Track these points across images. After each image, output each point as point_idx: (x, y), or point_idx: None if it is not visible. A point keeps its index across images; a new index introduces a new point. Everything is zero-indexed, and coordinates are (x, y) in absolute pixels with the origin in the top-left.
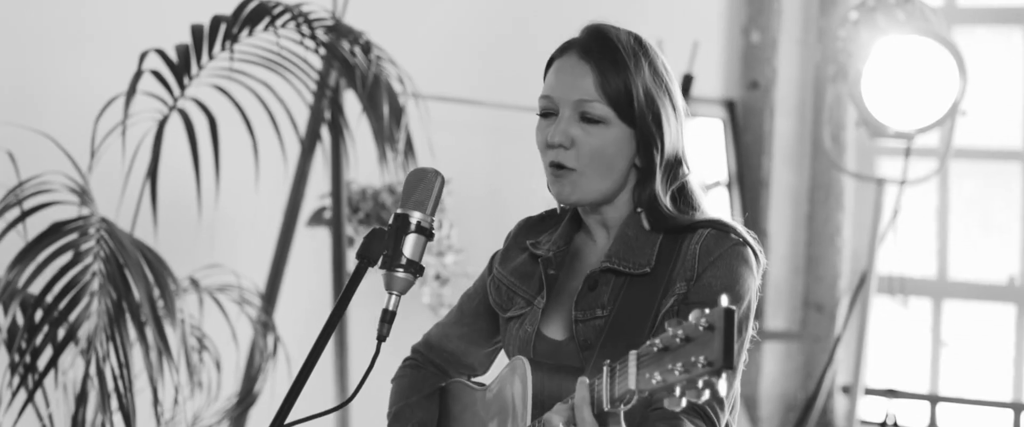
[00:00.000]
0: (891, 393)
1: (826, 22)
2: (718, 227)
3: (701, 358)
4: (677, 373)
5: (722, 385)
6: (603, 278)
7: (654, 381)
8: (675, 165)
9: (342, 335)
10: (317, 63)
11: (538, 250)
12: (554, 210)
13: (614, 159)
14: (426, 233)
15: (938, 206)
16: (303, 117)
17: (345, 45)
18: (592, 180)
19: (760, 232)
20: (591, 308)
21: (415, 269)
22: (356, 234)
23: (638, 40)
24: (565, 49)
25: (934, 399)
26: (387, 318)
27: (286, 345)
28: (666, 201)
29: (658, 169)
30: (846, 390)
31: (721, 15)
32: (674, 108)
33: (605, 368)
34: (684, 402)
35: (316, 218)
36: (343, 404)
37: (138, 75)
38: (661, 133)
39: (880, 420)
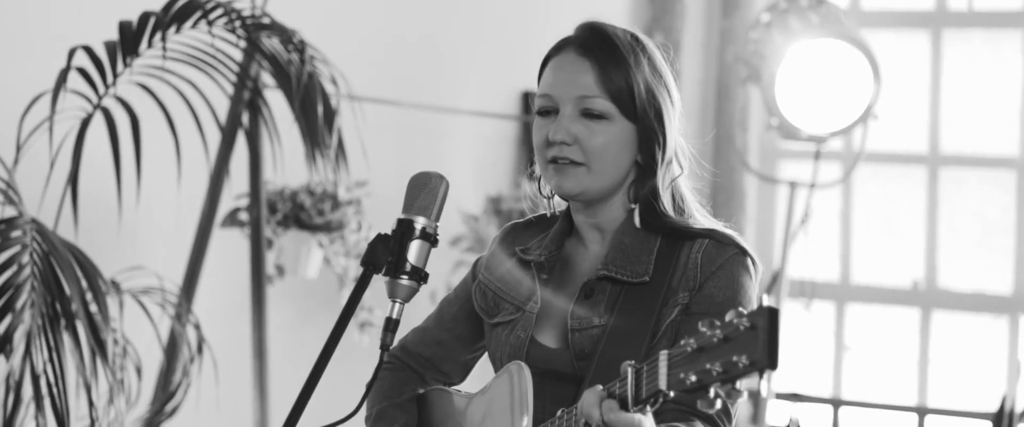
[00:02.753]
0: (794, 397)
1: (729, 24)
2: (716, 238)
3: (743, 358)
4: (715, 373)
5: (764, 386)
6: (599, 286)
7: (689, 381)
8: (671, 164)
9: (260, 333)
10: (239, 56)
11: (529, 255)
12: (542, 215)
13: (618, 156)
14: (430, 239)
15: (842, 209)
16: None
17: (277, 44)
18: (596, 176)
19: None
20: (588, 317)
21: (419, 276)
22: (274, 235)
23: (635, 36)
24: (562, 47)
25: (837, 403)
26: (390, 327)
27: (212, 348)
28: (666, 199)
29: (660, 166)
30: (752, 394)
31: (624, 16)
32: (672, 104)
33: (630, 370)
34: (718, 403)
35: (230, 219)
36: (348, 417)
37: (66, 71)
38: (664, 129)
39: (784, 424)
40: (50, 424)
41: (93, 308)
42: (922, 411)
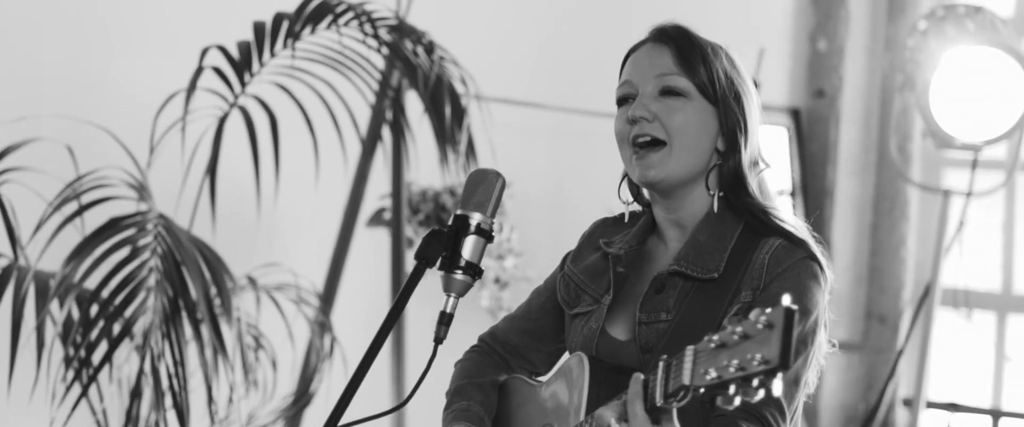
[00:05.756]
0: (953, 406)
1: (893, 31)
2: (789, 239)
3: (757, 356)
4: (732, 370)
5: (777, 385)
6: (670, 281)
7: (709, 377)
8: (755, 160)
9: (399, 336)
10: (379, 63)
11: (610, 248)
12: (633, 213)
13: (697, 135)
14: (486, 235)
15: (1004, 219)
16: (364, 115)
17: (408, 45)
18: (678, 157)
19: (823, 242)
20: (656, 311)
21: (474, 271)
22: (416, 235)
23: (711, 43)
24: (640, 43)
25: (996, 414)
26: (444, 320)
27: (343, 346)
28: (752, 184)
29: (743, 150)
30: (907, 403)
31: (788, 22)
32: (753, 99)
33: (660, 363)
34: (737, 401)
35: (376, 219)
36: (399, 406)
37: (199, 71)
38: (745, 115)
39: None
40: (171, 419)
41: (218, 303)
42: None
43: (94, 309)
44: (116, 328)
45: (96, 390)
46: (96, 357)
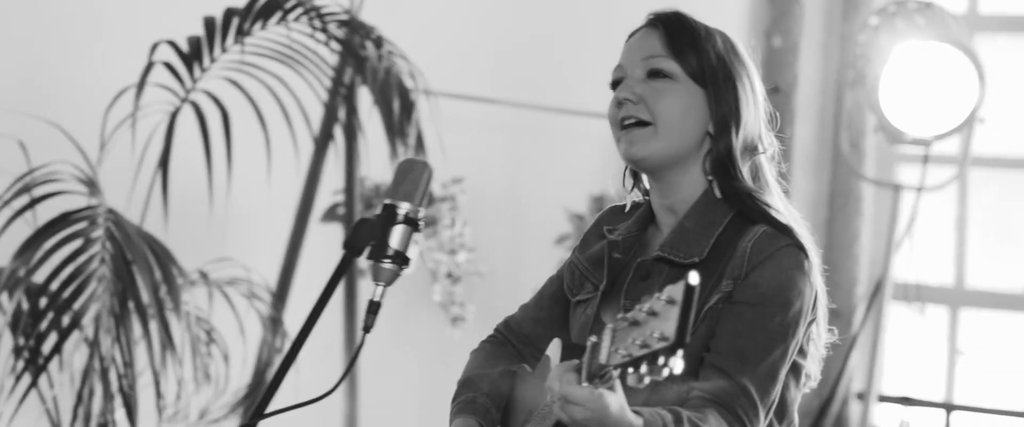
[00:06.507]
0: (906, 401)
1: (848, 28)
2: (774, 225)
3: (657, 332)
4: (637, 348)
5: (677, 363)
6: (656, 268)
7: (619, 355)
8: (750, 145)
9: (352, 327)
10: (331, 59)
11: (611, 235)
12: (635, 202)
13: (684, 118)
14: (413, 224)
15: (956, 214)
16: (316, 111)
17: (356, 40)
18: (663, 138)
19: (811, 229)
20: (639, 298)
21: (401, 260)
22: None
23: (713, 28)
24: (637, 28)
25: (949, 407)
26: (373, 309)
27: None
28: (743, 168)
29: (735, 135)
30: (860, 396)
31: (743, 19)
32: (752, 86)
33: (589, 343)
34: (647, 380)
35: (330, 214)
36: (323, 396)
37: (149, 66)
38: (737, 98)
39: None
40: (119, 415)
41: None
42: None
43: (43, 302)
44: (66, 320)
45: (46, 381)
46: (46, 348)
